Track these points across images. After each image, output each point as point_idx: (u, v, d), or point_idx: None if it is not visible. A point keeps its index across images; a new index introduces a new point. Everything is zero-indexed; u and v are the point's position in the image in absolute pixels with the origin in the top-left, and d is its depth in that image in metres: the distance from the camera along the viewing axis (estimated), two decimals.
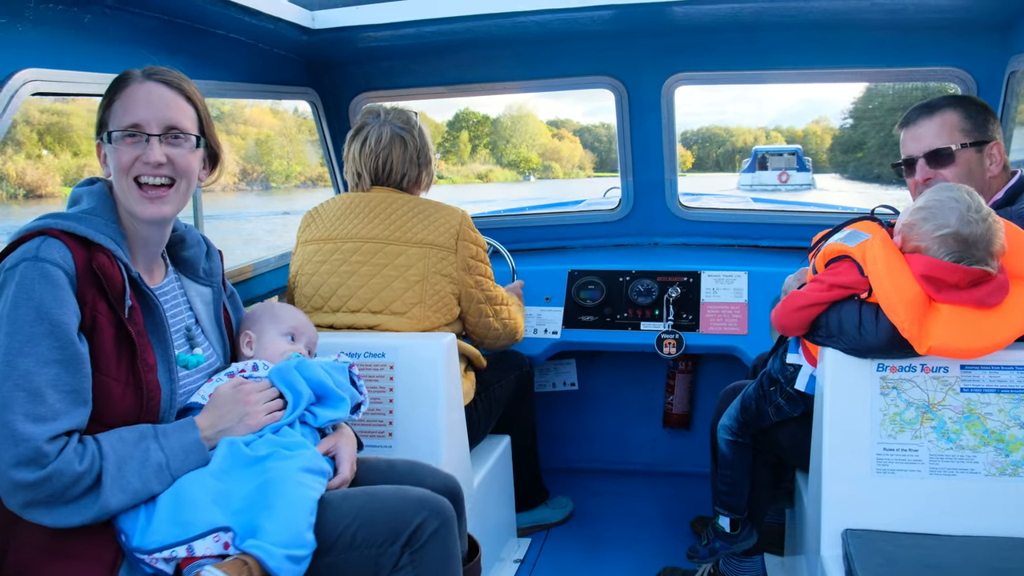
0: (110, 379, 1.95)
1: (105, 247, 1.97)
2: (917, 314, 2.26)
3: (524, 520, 3.99)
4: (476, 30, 3.67)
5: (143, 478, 1.93)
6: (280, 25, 3.31)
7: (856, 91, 56.65)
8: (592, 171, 74.13)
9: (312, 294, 3.19)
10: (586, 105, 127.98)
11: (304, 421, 2.28)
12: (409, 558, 2.08)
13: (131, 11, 2.73)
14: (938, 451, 2.39)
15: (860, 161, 51.73)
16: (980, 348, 2.26)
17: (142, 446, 1.95)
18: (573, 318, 4.20)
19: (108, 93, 2.12)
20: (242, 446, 2.09)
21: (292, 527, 1.95)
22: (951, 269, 2.27)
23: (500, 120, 64.71)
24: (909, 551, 2.26)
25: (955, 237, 2.29)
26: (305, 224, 3.37)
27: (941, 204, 2.34)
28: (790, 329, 2.61)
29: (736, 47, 3.88)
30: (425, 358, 2.93)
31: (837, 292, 2.45)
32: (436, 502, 2.18)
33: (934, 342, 2.24)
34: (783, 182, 34.45)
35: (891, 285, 2.30)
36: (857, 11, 3.32)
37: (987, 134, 2.71)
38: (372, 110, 3.37)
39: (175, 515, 1.94)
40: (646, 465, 4.76)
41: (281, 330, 2.46)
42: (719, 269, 4.16)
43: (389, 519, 2.09)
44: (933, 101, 2.80)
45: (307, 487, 2.06)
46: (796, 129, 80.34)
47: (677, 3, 3.31)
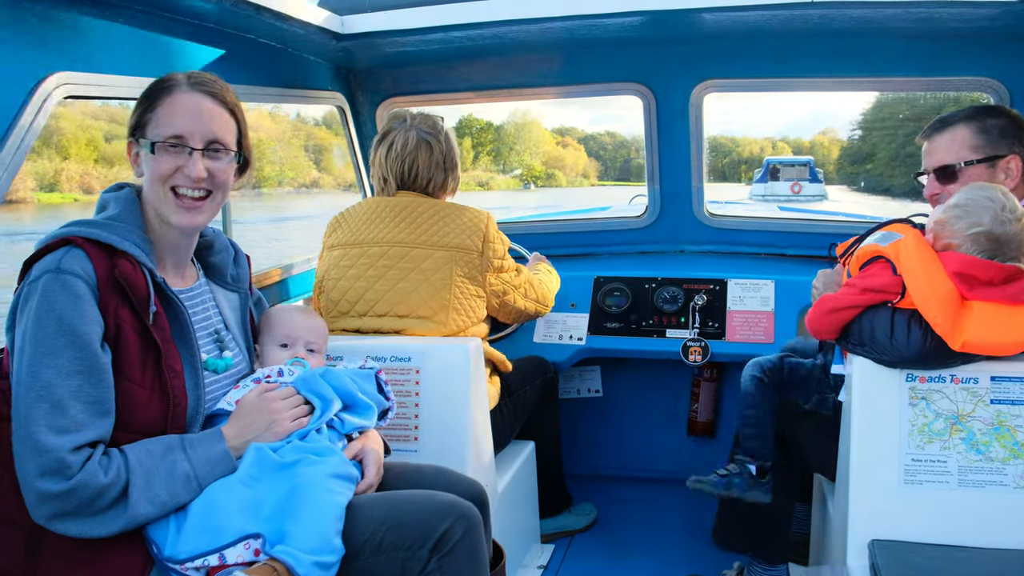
0: (135, 385, 1.96)
1: (129, 253, 1.97)
2: (950, 311, 2.26)
3: (548, 526, 3.99)
4: (504, 36, 3.68)
5: (171, 490, 1.94)
6: (310, 30, 3.34)
7: (865, 102, 56.22)
8: (596, 179, 73.95)
9: (339, 299, 3.21)
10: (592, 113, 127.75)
11: (331, 427, 2.29)
12: (437, 563, 2.07)
13: (162, 15, 2.76)
14: (967, 463, 2.37)
15: (870, 173, 51.20)
16: (1014, 343, 2.26)
17: (169, 458, 1.96)
18: (598, 325, 4.20)
19: (150, 95, 2.12)
20: (270, 452, 2.10)
21: (320, 533, 1.96)
22: (985, 266, 2.28)
23: (504, 127, 64.62)
24: (937, 563, 2.24)
25: (988, 235, 2.31)
26: (331, 229, 3.39)
27: (975, 203, 2.35)
28: (822, 332, 2.61)
29: (765, 55, 3.87)
30: (451, 363, 2.94)
31: (870, 296, 2.45)
32: (464, 507, 2.17)
33: (968, 337, 2.24)
34: (795, 193, 34.31)
35: (925, 281, 2.31)
36: (887, 19, 3.30)
37: (1002, 149, 2.69)
38: (399, 115, 3.39)
39: (205, 523, 1.95)
40: (670, 473, 4.74)
41: (275, 340, 2.45)
42: (746, 277, 4.15)
43: (417, 524, 2.09)
44: (950, 115, 2.80)
45: (335, 493, 2.06)
46: (803, 140, 79.99)
47: (706, 10, 3.30)
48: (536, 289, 3.52)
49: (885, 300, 2.43)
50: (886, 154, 48.44)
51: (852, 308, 2.49)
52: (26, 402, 1.82)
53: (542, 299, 3.58)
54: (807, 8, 3.17)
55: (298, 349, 2.46)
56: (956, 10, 3.11)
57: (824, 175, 37.95)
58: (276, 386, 2.26)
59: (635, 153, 74.89)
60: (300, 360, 2.41)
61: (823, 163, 52.41)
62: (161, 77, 2.14)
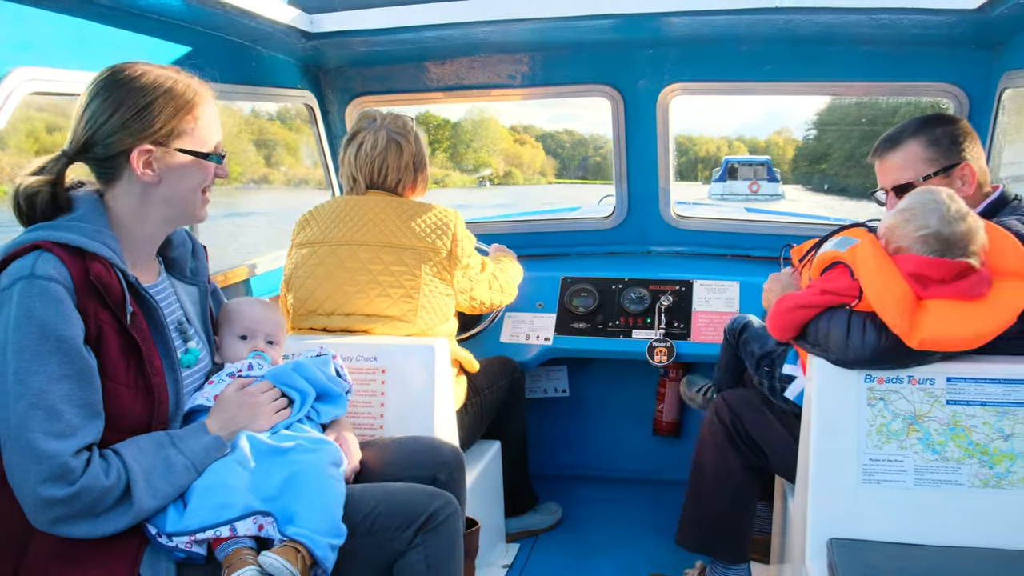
0: (120, 386, 1.97)
1: (101, 255, 1.95)
2: (907, 311, 2.31)
3: (513, 526, 4.00)
4: (474, 36, 3.69)
5: (170, 481, 1.99)
6: (279, 28, 3.32)
7: (820, 103, 56.54)
8: (554, 177, 73.93)
9: (306, 297, 3.21)
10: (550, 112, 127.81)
11: (309, 417, 2.37)
12: (422, 539, 2.22)
13: (128, 11, 2.74)
14: (923, 462, 2.41)
15: (825, 173, 51.64)
16: (969, 337, 2.31)
17: (161, 454, 1.99)
18: (565, 325, 4.22)
19: (183, 103, 2.11)
20: (263, 438, 2.18)
21: (330, 516, 2.07)
22: (936, 264, 2.35)
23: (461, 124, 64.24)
24: (893, 561, 2.28)
25: (936, 236, 2.37)
26: (300, 227, 3.38)
27: (922, 206, 2.42)
28: (783, 330, 2.66)
29: (732, 59, 3.91)
30: (417, 362, 2.95)
31: (829, 298, 2.51)
32: (448, 495, 2.34)
33: (924, 334, 2.29)
34: (754, 192, 34.61)
35: (881, 284, 2.37)
36: (851, 25, 3.35)
37: (955, 157, 2.75)
38: (368, 115, 3.39)
39: (211, 499, 2.00)
40: (635, 472, 4.77)
41: (235, 332, 2.46)
42: (711, 278, 4.19)
43: (407, 507, 2.24)
44: (897, 132, 2.86)
45: (336, 480, 2.17)
46: (759, 139, 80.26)
47: (674, 14, 3.33)
48: (499, 279, 3.57)
49: (843, 303, 2.48)
50: (841, 154, 48.78)
51: (812, 307, 2.55)
52: (17, 411, 1.81)
53: (507, 289, 3.65)
54: (772, 13, 3.21)
55: (258, 341, 2.47)
56: (917, 17, 3.16)
57: (780, 174, 38.31)
58: (251, 380, 2.31)
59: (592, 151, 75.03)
60: (261, 353, 2.44)
61: (779, 162, 52.77)
62: (181, 82, 2.13)
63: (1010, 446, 2.38)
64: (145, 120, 2.05)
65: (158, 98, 2.07)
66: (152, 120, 2.06)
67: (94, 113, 2.04)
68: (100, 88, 2.06)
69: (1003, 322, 2.30)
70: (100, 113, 2.04)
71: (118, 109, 2.03)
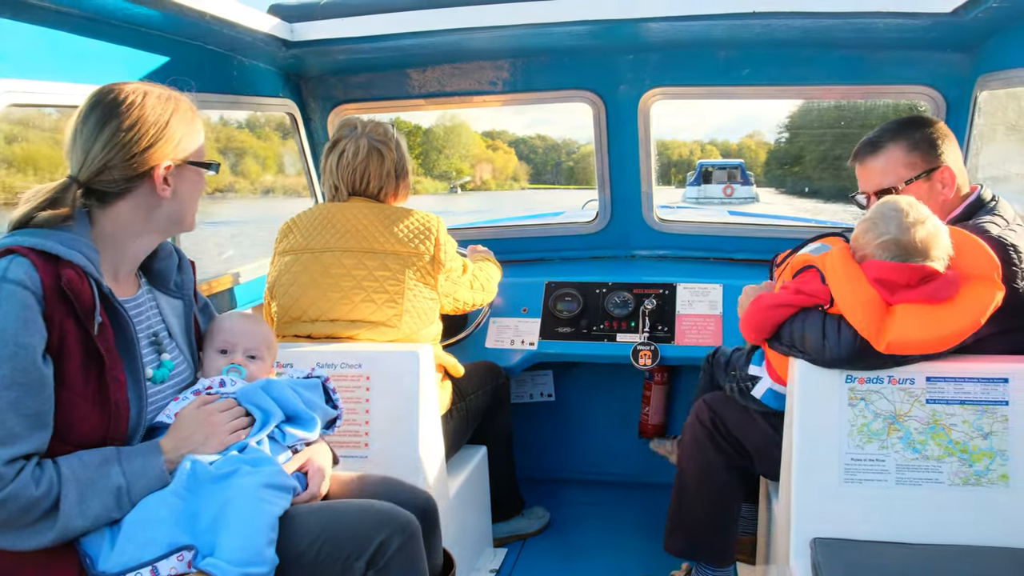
0: (77, 396, 1.93)
1: (75, 263, 1.94)
2: (874, 315, 2.36)
3: (500, 530, 4.01)
4: (454, 44, 3.70)
5: (103, 503, 1.92)
6: (258, 37, 3.33)
7: (792, 105, 56.71)
8: (527, 183, 73.86)
9: (290, 304, 3.21)
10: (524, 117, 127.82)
11: (273, 439, 2.27)
12: (373, 575, 2.09)
13: (107, 22, 2.74)
14: (904, 461, 2.44)
15: (798, 176, 51.77)
16: (936, 339, 2.35)
17: (103, 470, 1.94)
18: (550, 329, 4.23)
19: (190, 116, 2.18)
20: (205, 465, 2.07)
21: (250, 544, 1.95)
22: (900, 269, 2.39)
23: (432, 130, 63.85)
24: (876, 559, 2.30)
25: (896, 243, 2.43)
26: (282, 234, 3.38)
27: (882, 215, 2.48)
28: (758, 329, 2.70)
29: (711, 63, 3.94)
30: (401, 369, 2.95)
31: (804, 298, 2.57)
32: (402, 518, 2.19)
33: (891, 338, 2.33)
34: (728, 195, 34.80)
35: (849, 290, 2.43)
36: (827, 29, 3.38)
37: (934, 161, 2.79)
38: (349, 123, 3.39)
39: (138, 535, 1.93)
40: (622, 476, 4.79)
41: (215, 346, 2.42)
42: (694, 281, 4.21)
43: (354, 534, 2.10)
44: (877, 136, 2.89)
45: (267, 503, 2.04)
46: (731, 143, 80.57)
47: (653, 19, 3.36)
48: (479, 279, 3.59)
49: (817, 304, 2.53)
50: (814, 157, 48.86)
51: (788, 307, 2.61)
52: None
53: (487, 288, 3.66)
54: (749, 18, 3.24)
55: (236, 355, 2.40)
56: (893, 21, 3.19)
57: (753, 178, 38.53)
58: (215, 398, 2.23)
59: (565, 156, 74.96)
60: (236, 367, 2.36)
61: (751, 165, 52.98)
62: (172, 95, 2.17)
63: (989, 444, 2.41)
64: (168, 136, 2.10)
65: (173, 114, 2.12)
66: (172, 135, 2.11)
67: (112, 136, 2.03)
68: (109, 111, 2.05)
69: (970, 324, 2.34)
70: (121, 135, 2.04)
71: (140, 129, 2.06)
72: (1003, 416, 2.41)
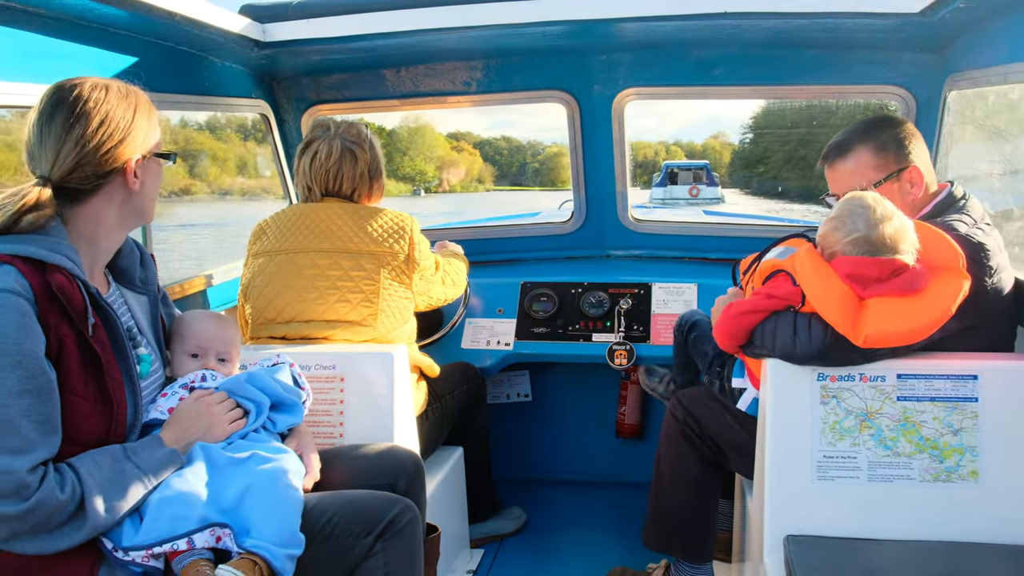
0: (79, 398, 1.95)
1: (61, 267, 1.93)
2: (848, 311, 2.38)
3: (477, 531, 4.00)
4: (427, 44, 3.69)
5: (125, 496, 1.97)
6: (230, 38, 3.31)
7: (755, 106, 57.07)
8: (492, 184, 73.83)
9: (264, 306, 3.19)
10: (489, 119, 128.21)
11: (265, 427, 2.36)
12: (381, 545, 2.25)
13: (75, 22, 2.71)
14: (876, 458, 2.46)
15: (763, 176, 52.02)
16: (911, 330, 2.37)
17: (117, 467, 1.98)
18: (526, 330, 4.23)
19: (150, 108, 2.18)
20: (219, 449, 2.17)
21: (287, 527, 2.07)
22: (870, 263, 2.42)
23: (396, 132, 63.46)
24: (849, 556, 2.32)
25: (864, 239, 2.45)
26: (255, 236, 3.36)
27: (849, 212, 2.50)
28: (732, 336, 2.70)
29: (684, 64, 3.96)
30: (376, 369, 2.94)
31: (775, 302, 2.58)
32: (405, 501, 2.36)
33: (869, 331, 2.35)
34: (694, 196, 35.11)
35: (821, 287, 2.44)
36: (798, 29, 3.41)
37: (902, 161, 2.80)
38: (322, 123, 3.38)
39: (169, 511, 1.99)
40: (599, 475, 4.80)
41: (186, 350, 2.43)
42: (669, 281, 4.23)
43: (367, 513, 2.26)
44: (845, 138, 2.91)
45: (293, 489, 2.16)
46: (696, 144, 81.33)
47: (625, 20, 3.37)
48: (449, 274, 3.58)
49: (789, 305, 2.56)
50: (779, 157, 49.13)
51: (759, 312, 2.61)
52: None
53: (457, 282, 3.66)
54: (720, 19, 3.25)
55: (208, 360, 2.43)
56: (863, 21, 3.22)
57: (718, 178, 38.85)
58: (210, 391, 2.31)
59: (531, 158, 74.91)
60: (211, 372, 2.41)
61: (716, 166, 53.32)
62: (132, 89, 2.16)
63: (959, 440, 2.43)
64: (136, 130, 2.11)
65: (137, 108, 2.13)
66: (139, 129, 2.12)
67: (83, 134, 2.02)
68: (74, 109, 2.03)
69: (942, 313, 2.37)
70: (90, 132, 2.03)
71: (110, 125, 2.05)
72: (973, 412, 2.43)
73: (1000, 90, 3.14)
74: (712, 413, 3.14)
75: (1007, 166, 3.08)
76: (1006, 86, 3.00)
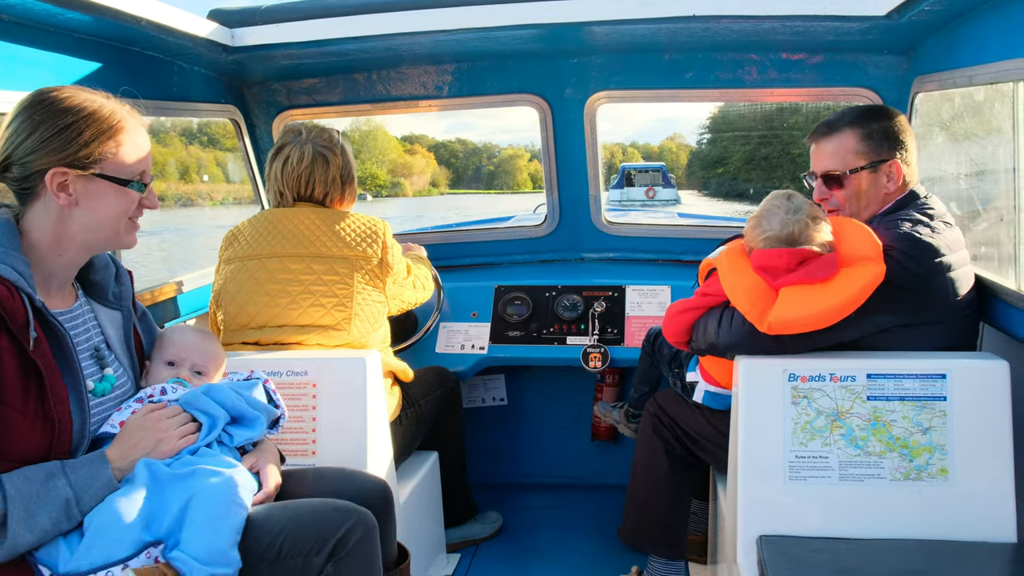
0: (16, 413, 1.89)
1: (6, 278, 1.91)
2: (757, 299, 2.52)
3: (453, 536, 4.00)
4: (397, 49, 3.69)
5: (52, 518, 1.91)
6: (198, 43, 3.28)
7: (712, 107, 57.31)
8: (447, 188, 73.44)
9: (237, 312, 3.17)
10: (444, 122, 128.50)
11: (221, 441, 2.28)
12: (333, 567, 2.12)
13: (39, 27, 2.68)
14: (847, 457, 2.47)
15: (723, 176, 52.01)
16: (815, 314, 2.45)
17: (49, 484, 1.92)
18: (500, 334, 4.23)
19: (105, 128, 2.08)
20: (163, 466, 2.09)
21: (217, 544, 1.98)
22: (776, 254, 2.57)
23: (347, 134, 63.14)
24: (820, 555, 2.33)
25: (777, 237, 2.61)
26: (227, 243, 3.34)
27: (767, 211, 2.68)
28: (675, 333, 2.86)
29: (655, 67, 3.97)
30: (348, 375, 2.93)
31: (709, 299, 2.75)
32: (359, 512, 2.23)
33: (772, 318, 2.47)
34: (650, 198, 35.25)
35: (733, 279, 2.61)
36: (767, 32, 3.43)
37: (884, 153, 2.82)
38: (293, 128, 3.37)
39: (105, 534, 1.93)
40: (575, 478, 4.80)
41: (163, 358, 2.42)
42: (643, 283, 4.24)
43: (316, 529, 2.14)
44: (836, 118, 2.93)
45: (236, 505, 2.07)
46: (652, 146, 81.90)
47: (596, 23, 3.38)
48: (419, 278, 3.59)
49: (722, 302, 2.70)
50: (741, 156, 48.98)
51: (695, 309, 2.79)
52: None
53: (427, 286, 3.67)
54: (689, 22, 3.27)
55: (182, 370, 2.41)
56: (830, 24, 3.25)
57: (675, 180, 39.10)
58: (162, 406, 2.23)
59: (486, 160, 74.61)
60: (181, 380, 2.37)
61: (672, 167, 53.35)
62: (107, 108, 2.11)
63: (929, 439, 2.45)
64: (62, 141, 2.02)
65: (78, 120, 2.04)
66: (69, 142, 2.03)
67: (15, 132, 2.02)
68: (24, 108, 2.04)
69: (848, 298, 2.43)
70: (20, 132, 2.01)
71: (37, 129, 2.01)
72: (941, 411, 2.46)
73: (966, 92, 3.17)
74: (681, 408, 3.19)
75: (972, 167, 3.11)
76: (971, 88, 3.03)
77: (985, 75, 2.80)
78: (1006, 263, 2.82)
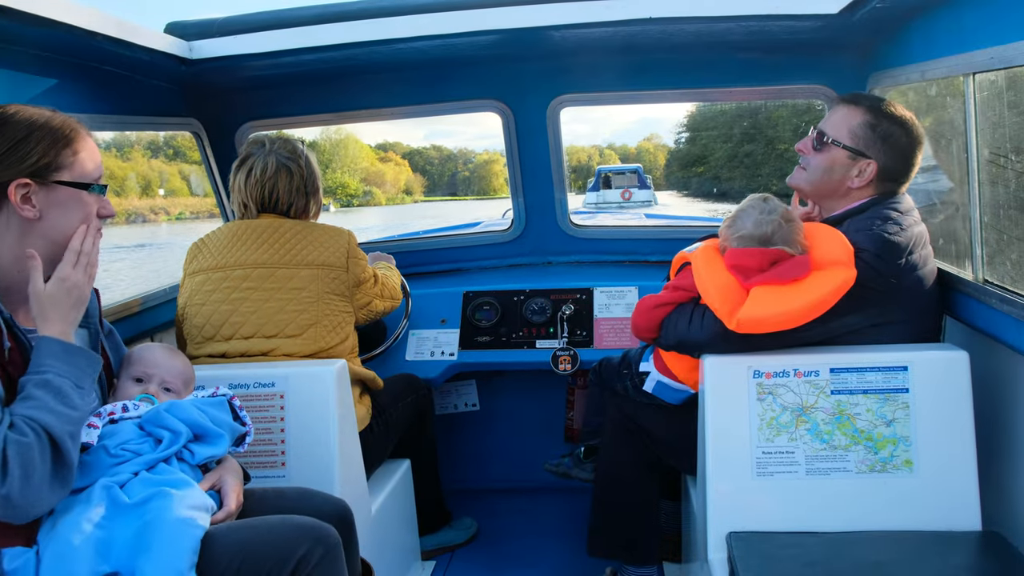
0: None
1: None
2: (728, 298, 2.54)
3: (428, 543, 3.99)
4: (356, 57, 3.68)
5: (71, 404, 1.95)
6: (156, 56, 3.26)
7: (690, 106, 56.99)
8: (422, 195, 72.98)
9: (203, 324, 3.15)
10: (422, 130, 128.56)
11: (182, 459, 2.25)
12: None
13: None
14: (813, 452, 2.50)
15: (703, 176, 51.86)
16: (784, 313, 2.47)
17: (38, 393, 1.92)
18: (469, 339, 4.23)
19: (60, 137, 2.09)
20: (119, 492, 2.05)
21: (173, 567, 1.93)
22: (749, 254, 2.61)
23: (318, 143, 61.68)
24: (789, 550, 2.35)
25: (750, 237, 2.65)
26: (192, 255, 3.32)
27: (742, 211, 2.73)
28: (645, 328, 2.87)
29: (615, 69, 4.00)
30: (316, 386, 2.91)
31: (679, 294, 2.77)
32: (321, 530, 2.18)
33: (741, 316, 2.48)
34: (626, 200, 35.43)
35: (707, 276, 2.63)
36: (723, 33, 3.47)
37: (870, 150, 2.81)
38: (257, 140, 3.35)
39: (59, 569, 1.90)
40: (549, 482, 4.78)
41: (131, 374, 2.40)
42: (611, 285, 4.26)
43: (274, 551, 2.08)
44: (864, 96, 2.98)
45: (189, 525, 2.02)
46: (629, 147, 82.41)
47: (554, 27, 3.40)
48: (387, 286, 3.57)
49: (692, 297, 2.73)
50: (722, 154, 48.85)
51: (667, 304, 2.80)
52: None
53: (394, 295, 3.64)
54: (646, 24, 3.30)
55: (150, 386, 2.39)
56: (785, 23, 3.29)
57: (652, 180, 39.34)
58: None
59: (462, 166, 74.27)
60: (149, 396, 2.35)
61: (650, 168, 53.40)
62: (58, 118, 2.11)
63: (892, 431, 2.49)
64: (21, 153, 2.02)
65: (33, 132, 2.04)
66: (28, 153, 2.03)
67: None
68: None
69: (817, 299, 2.46)
70: None
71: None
72: (904, 403, 2.49)
73: (919, 87, 3.22)
74: (645, 411, 3.17)
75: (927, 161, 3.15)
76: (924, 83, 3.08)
77: (936, 70, 2.84)
78: (963, 256, 2.86)
